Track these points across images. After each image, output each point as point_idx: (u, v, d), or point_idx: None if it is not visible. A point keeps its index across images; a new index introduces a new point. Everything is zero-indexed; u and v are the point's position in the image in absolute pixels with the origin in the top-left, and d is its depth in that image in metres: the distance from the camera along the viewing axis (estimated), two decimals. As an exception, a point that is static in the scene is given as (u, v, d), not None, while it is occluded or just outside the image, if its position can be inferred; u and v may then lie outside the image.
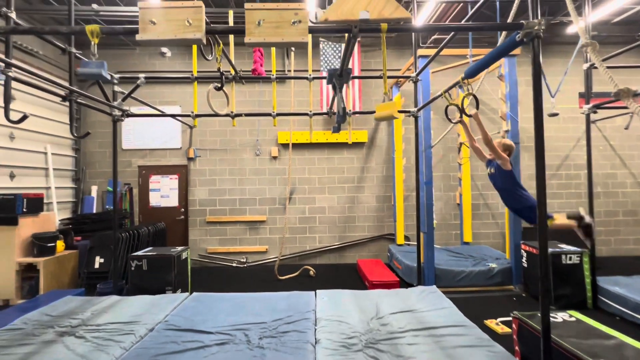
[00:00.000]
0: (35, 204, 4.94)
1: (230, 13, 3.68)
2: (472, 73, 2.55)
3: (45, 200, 5.50)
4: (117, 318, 3.19)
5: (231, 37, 4.06)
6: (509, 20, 2.97)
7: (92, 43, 1.83)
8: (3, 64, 2.50)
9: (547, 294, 1.81)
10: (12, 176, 5.03)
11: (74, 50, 3.01)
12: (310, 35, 4.28)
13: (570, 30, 6.06)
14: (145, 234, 5.65)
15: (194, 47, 3.80)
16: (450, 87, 3.00)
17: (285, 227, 6.10)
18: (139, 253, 4.35)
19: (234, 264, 6.46)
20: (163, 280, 4.23)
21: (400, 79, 6.36)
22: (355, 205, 6.71)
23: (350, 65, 6.33)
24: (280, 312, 3.28)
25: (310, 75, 4.09)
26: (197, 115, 4.05)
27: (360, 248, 6.67)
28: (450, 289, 4.65)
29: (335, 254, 6.65)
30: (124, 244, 5.16)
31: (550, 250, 4.19)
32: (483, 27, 2.01)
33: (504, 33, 3.72)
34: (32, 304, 4.07)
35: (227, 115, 3.92)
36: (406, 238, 6.52)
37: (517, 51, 4.81)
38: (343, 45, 2.89)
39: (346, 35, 2.04)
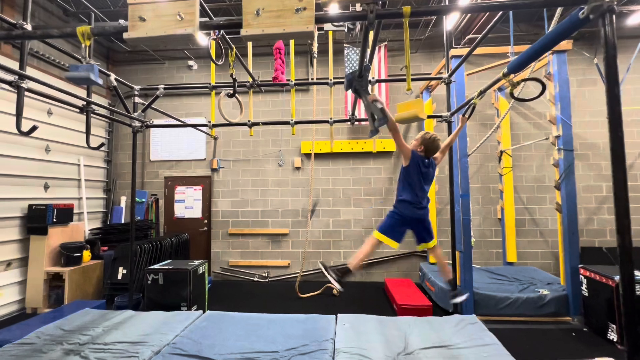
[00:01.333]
0: (65, 214, 5.07)
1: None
2: (518, 66, 2.13)
3: (76, 211, 5.67)
4: (125, 337, 3.05)
5: (249, 44, 3.94)
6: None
7: (84, 45, 1.70)
8: (17, 76, 2.49)
9: (637, 351, 1.33)
10: (46, 187, 5.22)
11: (91, 61, 3.01)
12: (330, 38, 4.06)
13: (631, 21, 5.31)
14: (168, 245, 5.61)
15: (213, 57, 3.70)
16: (488, 87, 2.58)
17: (307, 241, 5.80)
18: (156, 266, 4.25)
19: (256, 279, 6.24)
20: (178, 295, 4.08)
21: (431, 83, 5.92)
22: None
23: (374, 69, 6.04)
24: (295, 340, 2.97)
25: (331, 80, 3.83)
26: (214, 125, 3.93)
27: (388, 265, 6.18)
28: (492, 318, 4.06)
29: (361, 272, 6.22)
30: (146, 255, 5.13)
31: (616, 277, 3.50)
32: (534, 4, 1.60)
33: (553, 22, 3.24)
34: (55, 314, 4.10)
35: (242, 124, 3.75)
36: (440, 256, 5.94)
37: (567, 46, 4.23)
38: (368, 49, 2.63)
39: (362, 23, 1.73)
